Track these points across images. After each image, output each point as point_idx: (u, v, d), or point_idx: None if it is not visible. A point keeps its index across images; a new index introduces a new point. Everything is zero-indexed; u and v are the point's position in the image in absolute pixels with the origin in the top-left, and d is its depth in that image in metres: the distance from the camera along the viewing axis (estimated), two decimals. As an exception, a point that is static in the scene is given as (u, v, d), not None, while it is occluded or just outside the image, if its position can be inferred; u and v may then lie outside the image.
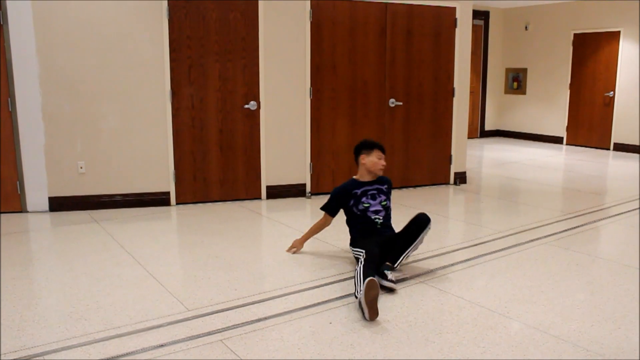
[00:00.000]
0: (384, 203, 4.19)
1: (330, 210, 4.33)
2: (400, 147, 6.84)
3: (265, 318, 3.28)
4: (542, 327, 3.17)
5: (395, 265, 3.96)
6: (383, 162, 4.23)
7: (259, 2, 5.97)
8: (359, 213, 4.14)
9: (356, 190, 4.17)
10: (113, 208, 5.82)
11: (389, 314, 3.35)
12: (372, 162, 4.19)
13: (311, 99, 6.33)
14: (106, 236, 4.91)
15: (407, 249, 3.93)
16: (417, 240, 3.93)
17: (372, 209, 4.13)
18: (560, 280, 3.93)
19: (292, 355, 2.85)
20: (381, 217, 4.13)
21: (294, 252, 4.49)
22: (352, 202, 4.16)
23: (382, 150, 4.28)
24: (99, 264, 4.21)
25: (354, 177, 4.30)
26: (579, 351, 2.91)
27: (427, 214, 4.01)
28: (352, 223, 4.23)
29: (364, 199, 4.14)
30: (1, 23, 5.31)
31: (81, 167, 5.71)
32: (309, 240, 4.57)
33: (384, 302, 3.51)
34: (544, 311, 3.39)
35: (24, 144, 5.54)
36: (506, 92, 12.28)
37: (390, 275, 3.72)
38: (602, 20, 10.33)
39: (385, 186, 4.28)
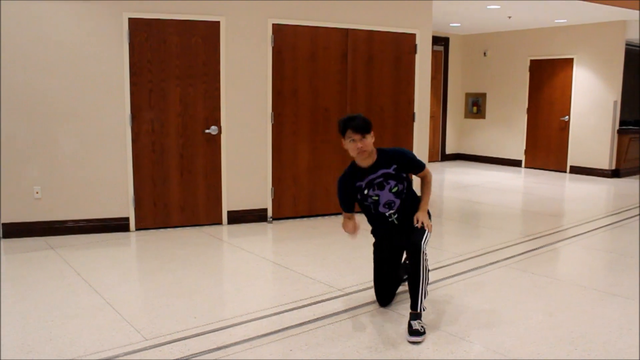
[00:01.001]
0: (394, 189, 3.54)
1: (344, 207, 3.72)
2: (362, 171, 6.88)
3: (225, 346, 3.23)
4: (501, 350, 3.20)
5: (418, 310, 3.41)
6: (359, 145, 3.43)
7: (221, 26, 5.98)
8: (371, 208, 3.64)
9: (360, 183, 3.58)
10: (70, 234, 5.69)
11: (348, 340, 3.33)
12: (349, 149, 3.51)
13: (272, 124, 6.33)
14: (62, 263, 4.79)
15: (419, 289, 3.40)
16: (422, 275, 3.39)
17: (382, 200, 3.58)
18: (518, 302, 3.98)
19: (252, 384, 2.82)
20: (396, 211, 3.58)
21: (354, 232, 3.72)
22: (359, 196, 3.62)
23: (357, 128, 3.42)
24: (53, 292, 4.10)
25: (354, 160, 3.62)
26: (536, 374, 2.94)
27: (417, 240, 3.44)
28: (369, 219, 3.78)
29: (370, 192, 3.56)
30: (-45, 46, 5.20)
31: (37, 192, 5.58)
32: (269, 265, 4.53)
33: (345, 327, 3.50)
34: (503, 334, 3.42)
35: (-23, 169, 5.40)
36: (466, 116, 12.50)
37: (415, 324, 3.33)
38: (557, 47, 10.65)
39: (394, 166, 3.54)
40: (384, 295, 3.86)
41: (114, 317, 3.65)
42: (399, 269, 3.93)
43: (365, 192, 3.58)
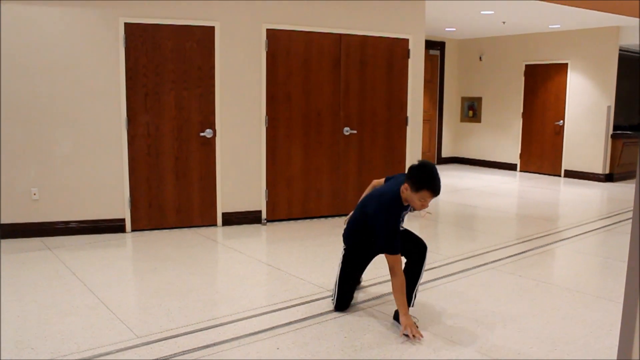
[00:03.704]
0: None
1: (398, 244, 3.57)
2: (354, 173, 6.98)
3: (214, 344, 3.32)
4: (482, 350, 3.29)
5: (411, 305, 3.67)
6: (426, 205, 3.54)
7: (216, 31, 6.08)
8: None
9: (403, 213, 3.71)
10: (67, 235, 5.79)
11: (334, 339, 3.42)
12: (412, 202, 3.54)
13: (267, 127, 6.43)
14: (58, 264, 4.88)
15: (415, 287, 3.69)
16: (421, 274, 3.71)
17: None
18: (503, 304, 4.07)
19: (238, 380, 2.91)
20: None
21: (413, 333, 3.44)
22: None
23: (436, 193, 3.51)
24: (49, 291, 4.19)
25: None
26: (515, 372, 3.03)
27: (424, 243, 3.76)
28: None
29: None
30: (-46, 50, 5.30)
31: (34, 194, 5.67)
32: (261, 266, 4.62)
33: (331, 326, 3.59)
34: (486, 335, 3.51)
35: (-25, 170, 5.49)
36: (462, 120, 12.60)
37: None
38: (551, 52, 10.75)
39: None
40: (349, 299, 3.94)
41: (107, 315, 3.74)
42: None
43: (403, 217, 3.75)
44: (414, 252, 3.72)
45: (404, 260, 3.69)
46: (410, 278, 3.66)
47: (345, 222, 4.05)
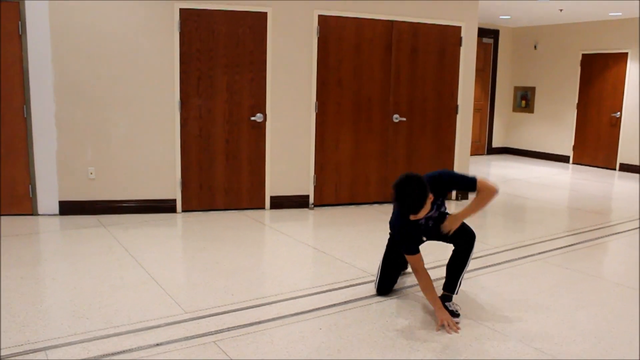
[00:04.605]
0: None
1: (414, 246, 3.64)
2: (403, 161, 6.97)
3: (258, 322, 3.42)
4: (525, 340, 3.28)
5: (455, 292, 3.68)
6: (419, 217, 3.46)
7: (268, 17, 6.15)
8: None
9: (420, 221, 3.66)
10: (120, 213, 6.00)
11: (376, 322, 3.47)
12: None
13: (316, 113, 6.48)
14: (112, 240, 5.08)
15: (461, 274, 3.68)
16: (468, 261, 3.69)
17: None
18: (548, 296, 4.03)
19: (280, 357, 2.99)
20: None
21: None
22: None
23: (415, 212, 3.38)
24: (103, 266, 4.37)
25: None
26: (557, 363, 3.02)
27: (472, 231, 3.71)
28: None
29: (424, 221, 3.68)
30: (20, 33, 5.53)
31: (91, 173, 5.89)
32: (307, 249, 4.68)
33: (374, 310, 3.64)
34: (529, 325, 3.49)
35: (37, 149, 5.73)
36: (514, 110, 12.37)
37: (451, 305, 3.59)
38: (610, 41, 10.43)
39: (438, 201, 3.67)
40: (391, 283, 3.96)
41: (157, 290, 3.88)
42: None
43: (422, 222, 3.64)
44: (460, 240, 3.70)
45: (451, 247, 3.70)
46: (457, 266, 3.67)
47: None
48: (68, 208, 5.89)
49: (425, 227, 3.67)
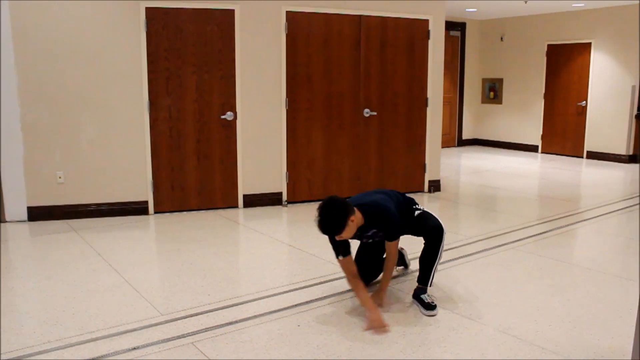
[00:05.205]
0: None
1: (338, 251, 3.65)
2: (375, 155, 7.00)
3: (236, 321, 3.39)
4: (501, 327, 3.32)
5: (429, 284, 3.68)
6: (340, 238, 3.47)
7: (235, 14, 6.11)
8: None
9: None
10: (92, 217, 5.90)
11: (354, 317, 3.47)
12: None
13: (287, 110, 6.46)
14: (84, 245, 4.99)
15: (433, 266, 3.66)
16: (439, 253, 3.66)
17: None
18: (522, 283, 4.09)
19: (260, 356, 2.97)
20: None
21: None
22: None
23: (331, 233, 3.45)
24: (76, 271, 4.30)
25: None
26: (534, 350, 3.06)
27: (439, 223, 3.69)
28: None
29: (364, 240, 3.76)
30: (-20, 35, 5.40)
31: (60, 177, 5.79)
32: (282, 247, 4.67)
33: (351, 304, 3.64)
34: (505, 313, 3.54)
35: (3, 153, 5.61)
36: (483, 101, 12.50)
37: (427, 298, 3.60)
38: (574, 32, 10.60)
39: (373, 230, 3.63)
40: (364, 278, 3.88)
41: (132, 294, 3.83)
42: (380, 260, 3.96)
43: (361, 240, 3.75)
44: (429, 234, 3.68)
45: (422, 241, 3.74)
46: (428, 259, 3.66)
47: None
48: (37, 213, 5.77)
49: (367, 241, 3.73)
